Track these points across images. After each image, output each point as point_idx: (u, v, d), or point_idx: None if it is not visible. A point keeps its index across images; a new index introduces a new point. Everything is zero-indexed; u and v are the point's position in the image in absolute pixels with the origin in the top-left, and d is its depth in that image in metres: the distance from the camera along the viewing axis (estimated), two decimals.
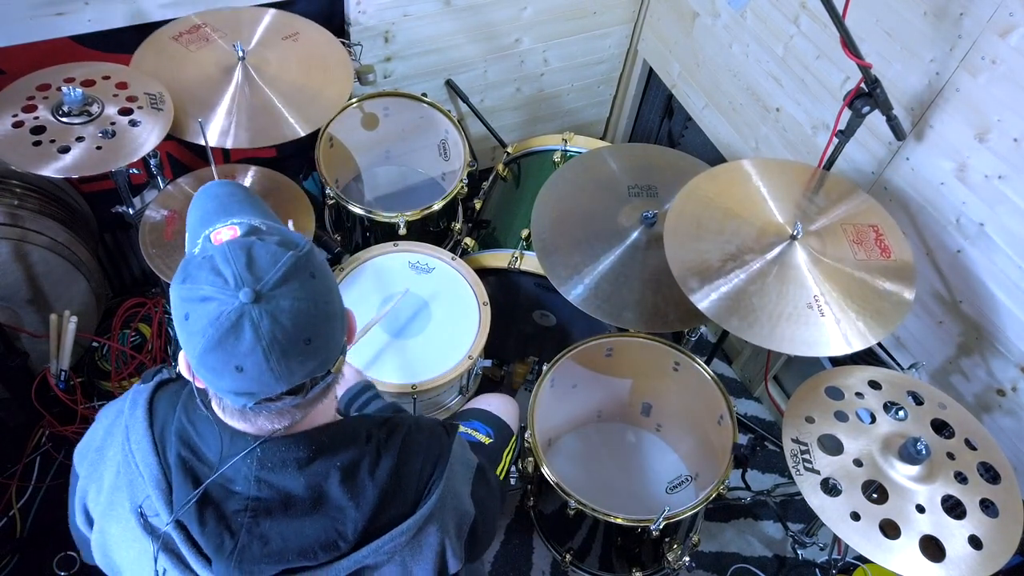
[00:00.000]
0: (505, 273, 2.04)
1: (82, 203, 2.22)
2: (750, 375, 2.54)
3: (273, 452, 0.87)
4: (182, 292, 0.80)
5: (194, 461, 0.88)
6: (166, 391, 0.96)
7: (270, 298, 0.78)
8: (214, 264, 0.79)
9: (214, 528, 0.86)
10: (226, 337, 0.76)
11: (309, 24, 2.00)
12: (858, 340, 1.50)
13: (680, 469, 2.14)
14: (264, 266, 0.79)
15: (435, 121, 2.31)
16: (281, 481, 0.87)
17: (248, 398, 0.80)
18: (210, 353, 0.77)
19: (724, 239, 1.64)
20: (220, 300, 0.77)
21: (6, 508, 2.04)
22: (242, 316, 0.76)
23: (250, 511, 0.87)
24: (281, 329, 0.77)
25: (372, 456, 0.92)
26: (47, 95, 1.66)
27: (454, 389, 1.92)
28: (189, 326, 0.79)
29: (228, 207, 0.95)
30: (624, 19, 2.63)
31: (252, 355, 0.77)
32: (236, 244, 0.81)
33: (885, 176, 1.86)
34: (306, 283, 0.81)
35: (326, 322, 0.83)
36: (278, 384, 0.80)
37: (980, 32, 1.55)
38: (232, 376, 0.78)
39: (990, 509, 1.41)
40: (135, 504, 0.90)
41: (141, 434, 0.91)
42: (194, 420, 0.90)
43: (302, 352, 0.79)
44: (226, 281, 0.78)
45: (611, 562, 1.90)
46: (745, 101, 2.25)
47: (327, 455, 0.89)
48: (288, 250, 0.81)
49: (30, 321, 2.03)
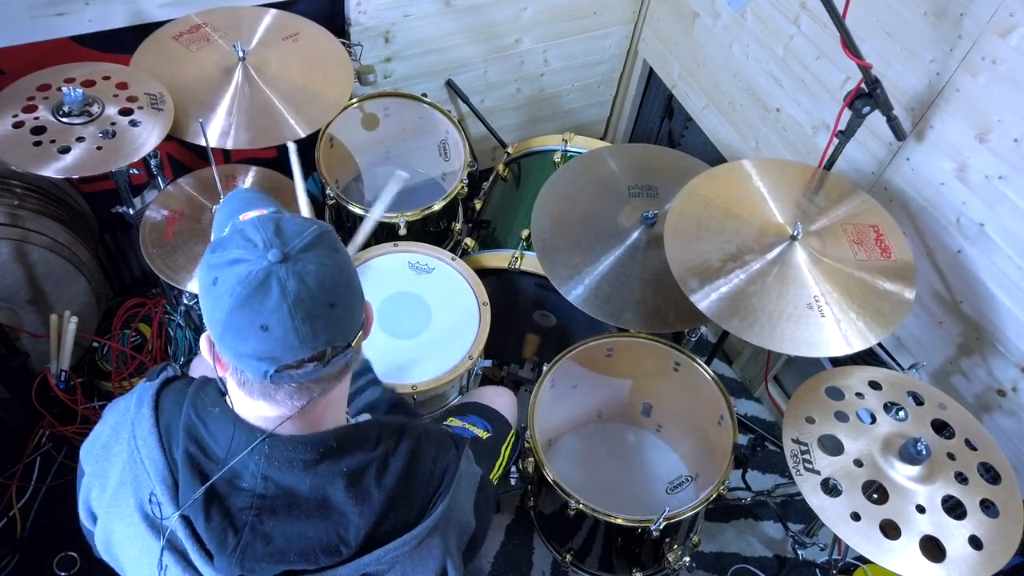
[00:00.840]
0: (505, 273, 2.04)
1: (82, 203, 2.22)
2: (750, 375, 2.54)
3: (281, 451, 0.87)
4: (211, 260, 0.83)
5: (201, 457, 0.88)
6: (172, 388, 0.96)
7: (297, 259, 0.81)
8: (244, 233, 0.83)
9: (219, 524, 0.86)
10: (254, 294, 0.79)
11: (309, 24, 2.00)
12: (858, 340, 1.50)
13: (680, 469, 2.14)
14: (292, 233, 0.83)
15: (435, 121, 2.31)
16: (287, 480, 0.87)
17: (270, 363, 0.81)
18: (237, 312, 0.79)
19: (724, 239, 1.64)
20: (250, 261, 0.80)
21: (6, 508, 2.03)
22: (270, 275, 0.79)
23: (255, 509, 0.87)
24: (307, 289, 0.80)
25: (379, 463, 0.92)
26: (47, 95, 1.66)
27: (454, 390, 1.92)
28: (216, 290, 0.81)
29: (254, 202, 0.99)
30: (624, 19, 2.63)
31: (278, 312, 0.79)
32: (265, 217, 0.86)
33: (885, 176, 1.86)
34: (331, 253, 0.85)
35: (349, 292, 0.85)
36: (302, 347, 0.81)
37: (980, 32, 1.54)
38: (257, 337, 0.79)
39: (990, 509, 1.41)
40: (139, 500, 0.90)
41: (147, 431, 0.91)
42: (203, 416, 0.90)
43: (325, 316, 0.81)
44: (255, 245, 0.81)
45: (611, 562, 1.90)
46: (745, 101, 2.25)
47: (334, 458, 0.89)
48: (313, 224, 0.86)
49: (30, 321, 2.03)
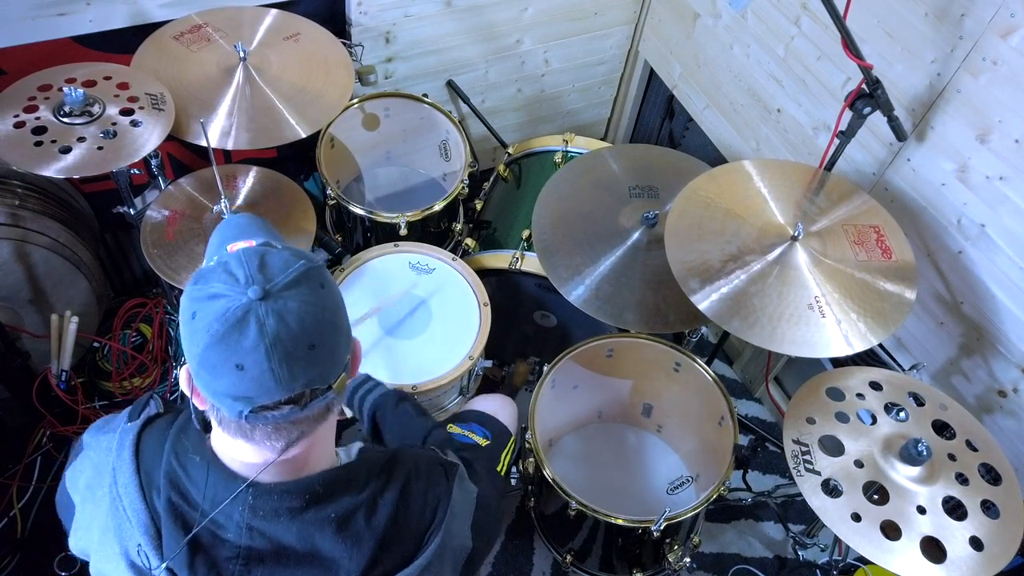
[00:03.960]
0: (506, 274, 2.04)
1: (83, 203, 2.22)
2: (751, 376, 2.54)
3: (265, 500, 0.85)
4: (192, 293, 0.80)
5: (184, 507, 0.86)
6: (154, 428, 0.94)
7: (278, 297, 0.78)
8: (227, 267, 0.80)
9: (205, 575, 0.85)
10: (230, 332, 0.76)
11: (310, 24, 2.00)
12: (859, 341, 1.50)
13: (681, 470, 2.14)
14: (276, 269, 0.80)
15: (436, 122, 2.31)
16: (273, 531, 0.85)
17: (245, 403, 0.78)
18: (212, 348, 0.76)
19: (725, 240, 1.64)
20: (229, 297, 0.77)
21: (7, 508, 2.03)
22: (248, 312, 0.76)
23: (242, 559, 0.85)
24: (286, 329, 0.77)
25: (368, 506, 0.90)
26: (48, 95, 1.66)
27: (454, 390, 1.92)
28: (195, 324, 0.78)
29: (247, 231, 0.96)
30: (625, 20, 2.63)
31: (254, 353, 0.76)
32: (251, 251, 0.82)
33: (886, 177, 1.86)
34: (316, 291, 0.81)
35: (332, 332, 0.82)
36: (277, 388, 0.78)
37: (981, 33, 1.54)
38: (232, 375, 0.77)
39: (991, 510, 1.41)
40: (124, 548, 0.88)
41: (128, 478, 0.89)
42: (184, 463, 0.87)
43: (304, 357, 0.78)
44: (237, 280, 0.78)
45: (612, 563, 1.90)
46: (746, 102, 2.25)
47: (321, 504, 0.87)
48: (300, 259, 0.83)
49: (31, 321, 2.03)
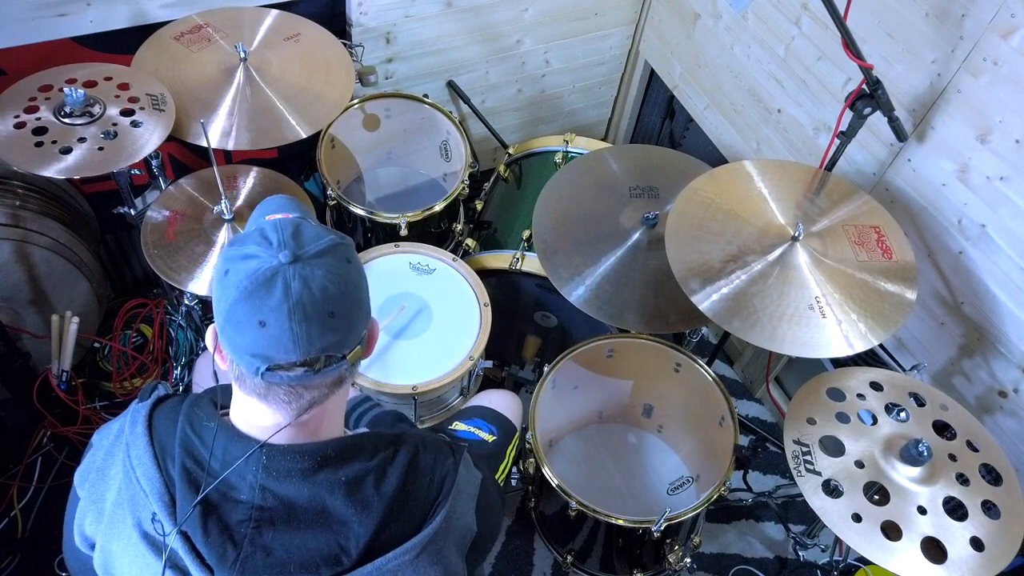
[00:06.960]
0: (506, 274, 2.04)
1: (84, 204, 2.22)
2: (751, 376, 2.54)
3: (278, 461, 0.87)
4: (227, 253, 0.86)
5: (198, 471, 0.88)
6: (165, 406, 0.96)
7: (307, 264, 0.83)
8: (263, 232, 0.86)
9: (217, 537, 0.86)
10: (258, 290, 0.81)
11: (311, 25, 2.00)
12: (860, 341, 1.50)
13: (681, 470, 2.14)
14: (308, 238, 0.86)
15: (436, 122, 2.31)
16: (285, 491, 0.87)
17: (263, 360, 0.82)
18: (240, 304, 0.81)
19: (725, 240, 1.64)
20: (261, 258, 0.83)
21: (8, 509, 2.04)
22: (277, 273, 0.81)
23: (253, 521, 0.87)
24: (309, 294, 0.81)
25: (377, 473, 0.92)
26: (49, 96, 1.66)
27: (455, 390, 1.92)
28: (226, 280, 0.83)
29: (285, 207, 1.01)
30: (625, 20, 2.63)
31: (277, 311, 0.81)
32: (287, 220, 0.88)
33: (887, 177, 1.85)
34: (342, 264, 0.86)
35: (352, 304, 0.86)
36: (295, 348, 0.82)
37: (982, 33, 1.54)
38: (254, 332, 0.81)
39: (992, 511, 1.41)
40: (137, 519, 0.90)
41: (142, 449, 0.91)
42: (198, 430, 0.90)
43: (323, 323, 0.83)
44: (270, 244, 0.84)
45: (612, 563, 1.90)
46: (746, 102, 2.25)
47: (332, 468, 0.89)
48: (331, 234, 0.88)
49: (32, 322, 2.03)
